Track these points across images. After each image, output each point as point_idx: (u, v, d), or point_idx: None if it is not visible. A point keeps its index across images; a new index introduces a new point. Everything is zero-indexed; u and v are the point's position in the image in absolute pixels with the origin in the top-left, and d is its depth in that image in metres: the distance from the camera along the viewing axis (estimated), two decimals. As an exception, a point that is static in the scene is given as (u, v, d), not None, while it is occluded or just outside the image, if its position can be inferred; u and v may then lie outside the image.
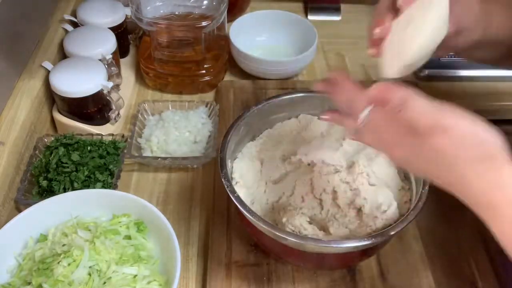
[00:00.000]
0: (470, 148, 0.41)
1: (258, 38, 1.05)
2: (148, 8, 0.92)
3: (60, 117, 0.85)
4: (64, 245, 0.64)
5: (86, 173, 0.74)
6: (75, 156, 0.76)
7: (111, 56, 0.87)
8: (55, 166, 0.75)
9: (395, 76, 0.53)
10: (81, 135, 0.81)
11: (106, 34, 0.90)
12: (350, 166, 0.65)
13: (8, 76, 0.81)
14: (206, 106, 0.89)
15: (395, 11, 0.54)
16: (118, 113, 0.86)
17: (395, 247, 0.70)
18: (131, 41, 1.04)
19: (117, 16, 0.95)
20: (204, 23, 0.88)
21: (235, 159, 0.69)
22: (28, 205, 0.67)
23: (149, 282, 0.61)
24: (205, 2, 0.93)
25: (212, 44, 0.94)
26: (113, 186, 0.74)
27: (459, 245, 0.71)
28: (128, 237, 0.66)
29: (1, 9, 0.76)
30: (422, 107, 0.43)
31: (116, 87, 0.87)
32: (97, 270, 0.60)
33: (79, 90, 0.80)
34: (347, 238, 0.60)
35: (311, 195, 0.64)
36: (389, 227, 0.58)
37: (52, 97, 0.86)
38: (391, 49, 0.54)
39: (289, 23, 1.03)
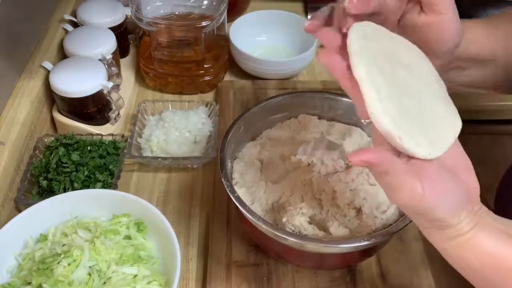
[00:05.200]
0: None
1: (258, 38, 1.05)
2: (148, 8, 0.92)
3: (60, 117, 0.85)
4: (64, 245, 0.64)
5: (86, 173, 0.74)
6: (75, 156, 0.76)
7: (111, 56, 0.87)
8: (55, 166, 0.75)
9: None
10: (81, 135, 0.81)
11: (106, 34, 0.90)
12: (350, 166, 0.65)
13: (8, 76, 0.81)
14: (206, 106, 0.89)
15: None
16: (118, 113, 0.86)
17: (395, 247, 0.70)
18: (131, 41, 1.04)
19: (117, 16, 0.95)
20: (204, 23, 0.88)
21: (235, 159, 0.69)
22: (28, 205, 0.67)
23: (149, 282, 0.61)
24: (205, 2, 0.93)
25: (212, 44, 0.94)
26: (113, 186, 0.74)
27: (459, 245, 0.71)
28: (128, 237, 0.66)
29: (1, 9, 0.76)
30: None
31: (116, 87, 0.87)
32: (97, 270, 0.61)
33: (79, 90, 0.80)
34: (347, 238, 0.60)
35: (311, 195, 0.64)
36: (389, 227, 0.58)
37: (52, 97, 0.86)
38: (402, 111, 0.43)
39: (289, 23, 1.03)
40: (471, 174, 0.47)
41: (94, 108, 0.84)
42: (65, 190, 0.73)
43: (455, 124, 0.47)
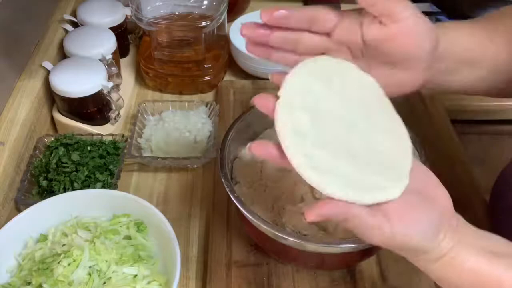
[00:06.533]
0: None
1: (258, 38, 1.05)
2: (148, 8, 0.92)
3: (60, 117, 0.85)
4: (64, 245, 0.64)
5: (86, 173, 0.74)
6: (75, 156, 0.76)
7: (111, 56, 0.87)
8: (55, 166, 0.75)
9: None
10: (81, 135, 0.81)
11: (106, 34, 0.90)
12: (350, 166, 0.65)
13: (8, 76, 0.81)
14: (206, 106, 0.89)
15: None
16: (118, 113, 0.86)
17: (395, 247, 0.70)
18: (131, 41, 1.04)
19: (117, 16, 0.95)
20: (204, 23, 0.88)
21: (235, 159, 0.69)
22: (28, 205, 0.67)
23: (149, 282, 0.61)
24: (205, 2, 0.93)
25: (212, 44, 0.94)
26: (113, 186, 0.74)
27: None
28: (128, 237, 0.66)
29: (1, 9, 0.76)
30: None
31: (116, 87, 0.87)
32: (97, 270, 0.60)
33: (79, 90, 0.80)
34: (347, 238, 0.60)
35: (311, 195, 0.64)
36: (389, 227, 0.58)
37: (52, 97, 0.86)
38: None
39: (289, 23, 1.03)
40: (440, 188, 0.46)
41: (94, 108, 0.84)
42: (65, 190, 0.73)
43: (407, 151, 0.47)
